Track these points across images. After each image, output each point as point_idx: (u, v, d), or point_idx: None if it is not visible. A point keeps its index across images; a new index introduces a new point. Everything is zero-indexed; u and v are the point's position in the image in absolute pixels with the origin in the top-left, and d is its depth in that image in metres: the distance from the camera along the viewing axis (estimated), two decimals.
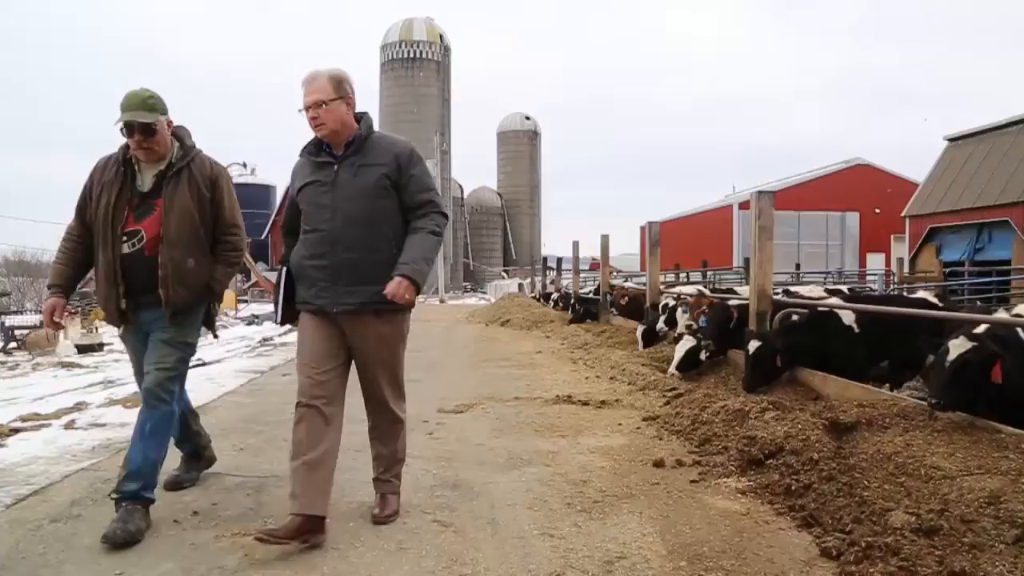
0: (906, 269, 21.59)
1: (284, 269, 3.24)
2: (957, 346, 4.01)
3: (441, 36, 48.84)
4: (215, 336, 4.16)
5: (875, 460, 3.37)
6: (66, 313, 3.51)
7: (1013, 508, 2.63)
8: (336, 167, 3.07)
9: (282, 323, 3.38)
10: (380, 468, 3.36)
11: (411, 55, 47.34)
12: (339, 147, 3.09)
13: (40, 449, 4.60)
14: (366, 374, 3.25)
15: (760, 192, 6.14)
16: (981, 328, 4.17)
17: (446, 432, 5.00)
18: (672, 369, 6.57)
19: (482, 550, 2.91)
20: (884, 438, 3.64)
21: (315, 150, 3.14)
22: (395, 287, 2.93)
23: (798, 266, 25.84)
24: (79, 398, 6.85)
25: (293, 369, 9.00)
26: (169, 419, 3.33)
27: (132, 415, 5.77)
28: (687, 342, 6.50)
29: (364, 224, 3.03)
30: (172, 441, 3.52)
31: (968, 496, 2.80)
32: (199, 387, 7.19)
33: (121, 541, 2.92)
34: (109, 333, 18.68)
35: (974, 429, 3.60)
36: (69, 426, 5.38)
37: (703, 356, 6.50)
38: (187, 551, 2.91)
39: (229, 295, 34.45)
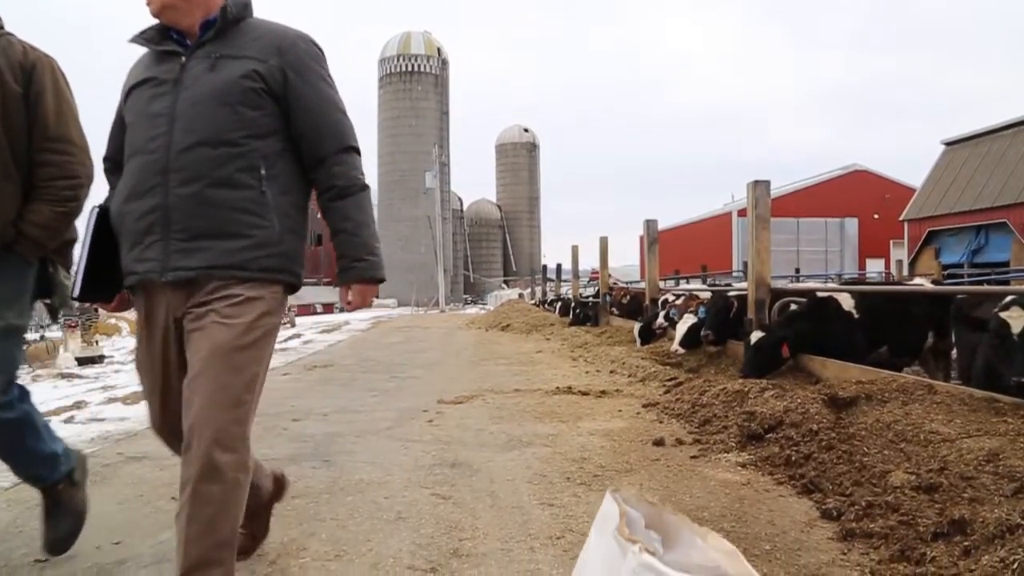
0: (905, 271, 21.61)
1: (96, 211, 2.13)
2: (1018, 316, 3.63)
3: (439, 49, 49.15)
4: (57, 308, 2.63)
5: (874, 429, 3.37)
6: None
7: (1012, 464, 2.63)
8: (184, 59, 2.04)
9: (81, 297, 2.12)
10: (180, 568, 1.85)
11: (409, 68, 47.60)
12: (193, 34, 2.08)
13: None
14: (194, 383, 1.89)
15: (756, 181, 6.16)
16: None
17: (446, 420, 4.99)
18: (675, 346, 6.58)
19: (481, 518, 2.90)
20: (884, 410, 3.64)
21: (157, 36, 2.11)
22: (360, 298, 2.11)
23: (797, 271, 25.86)
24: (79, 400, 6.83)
25: (293, 370, 9.05)
26: (17, 426, 2.40)
27: (132, 411, 5.81)
28: (688, 319, 6.52)
29: (216, 143, 1.96)
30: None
31: (967, 456, 2.80)
32: None
33: (63, 548, 2.52)
34: (110, 346, 18.77)
35: (972, 399, 3.59)
36: (68, 421, 5.38)
37: (703, 335, 6.51)
38: None
39: None
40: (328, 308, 41.63)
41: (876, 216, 33.16)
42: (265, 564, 2.47)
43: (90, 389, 8.78)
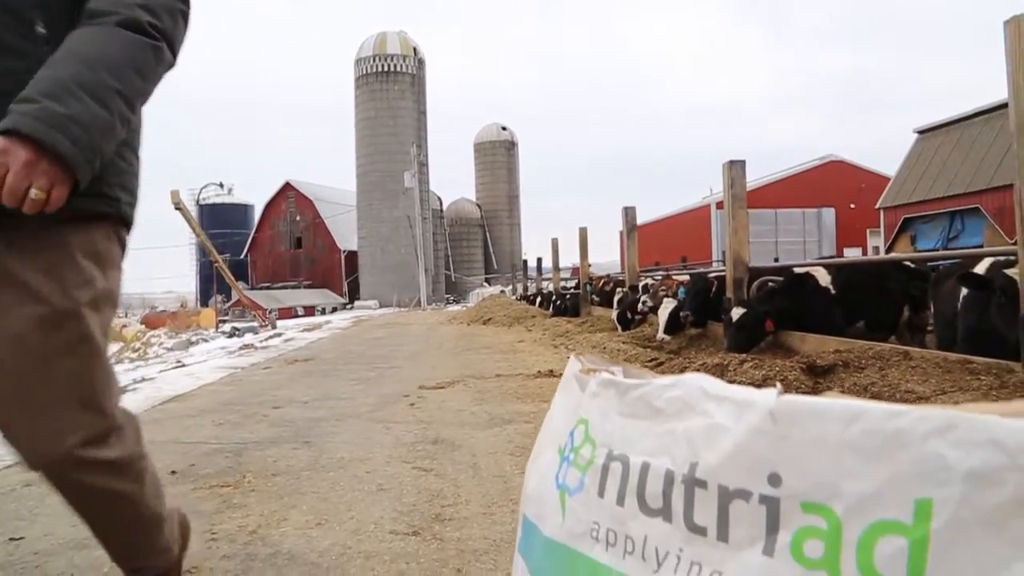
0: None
1: None
2: None
3: (415, 49, 49.01)
4: None
5: (852, 392, 3.40)
6: None
7: None
8: None
9: None
10: (121, 562, 1.60)
11: (385, 68, 47.43)
12: None
13: None
14: (13, 397, 1.29)
15: (732, 161, 6.20)
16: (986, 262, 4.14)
17: (427, 403, 4.97)
18: (661, 334, 6.59)
19: (463, 487, 2.90)
20: (861, 375, 3.68)
21: None
22: None
23: (776, 260, 26.09)
24: None
25: (274, 364, 8.95)
26: None
27: None
28: (668, 304, 6.54)
29: None
30: None
31: None
32: (179, 382, 7.11)
33: None
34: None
35: (947, 362, 3.64)
36: None
37: (682, 316, 6.53)
38: None
39: (208, 313, 34.12)
40: (309, 311, 41.38)
41: (852, 206, 33.54)
42: (245, 534, 2.45)
43: None
